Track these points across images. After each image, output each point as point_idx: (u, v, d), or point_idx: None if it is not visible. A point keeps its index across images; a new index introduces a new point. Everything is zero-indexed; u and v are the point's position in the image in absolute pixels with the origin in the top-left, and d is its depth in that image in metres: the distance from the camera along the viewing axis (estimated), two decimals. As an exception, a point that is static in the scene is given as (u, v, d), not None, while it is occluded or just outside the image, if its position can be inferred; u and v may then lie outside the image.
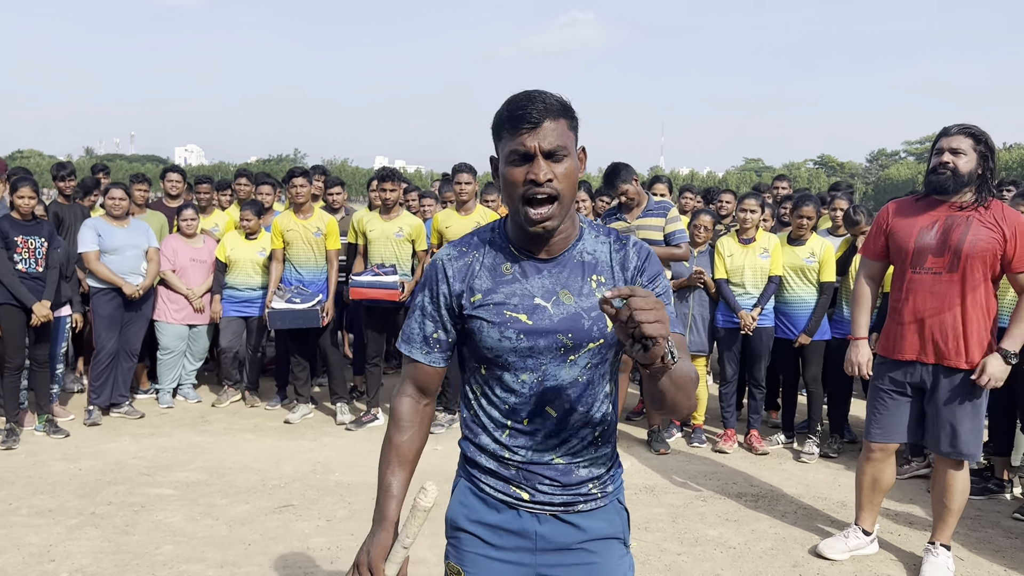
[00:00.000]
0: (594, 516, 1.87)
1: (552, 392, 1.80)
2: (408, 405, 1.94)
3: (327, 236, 6.46)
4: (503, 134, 1.72)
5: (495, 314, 1.78)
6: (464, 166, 6.15)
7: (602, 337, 1.76)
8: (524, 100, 1.69)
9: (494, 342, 1.78)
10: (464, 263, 1.83)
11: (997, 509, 4.94)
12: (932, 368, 3.81)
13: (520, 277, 1.79)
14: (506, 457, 1.85)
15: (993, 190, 3.75)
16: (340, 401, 6.57)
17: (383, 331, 6.39)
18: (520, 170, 1.69)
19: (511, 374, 1.81)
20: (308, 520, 4.55)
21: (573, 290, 1.77)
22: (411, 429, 1.94)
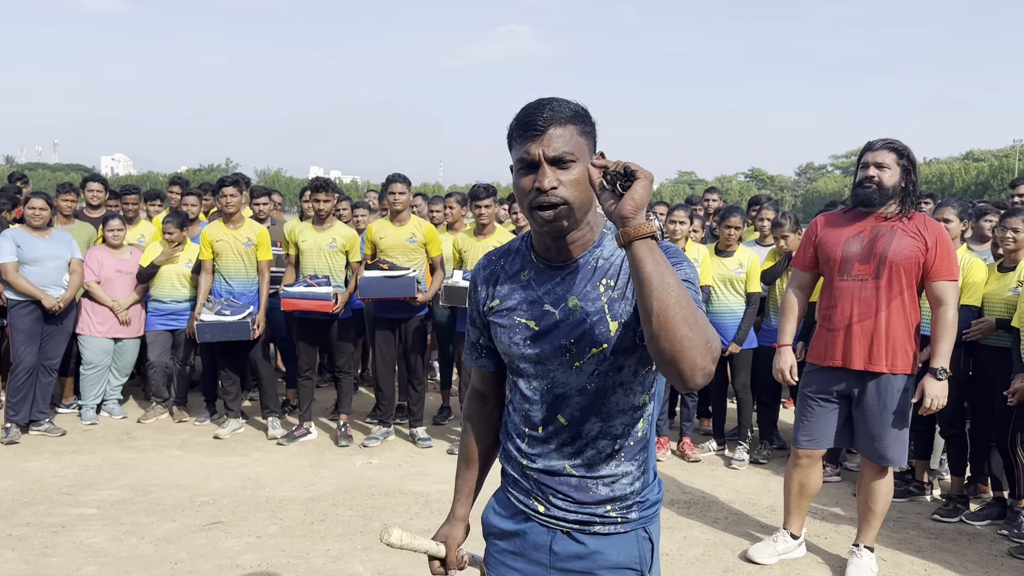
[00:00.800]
0: (610, 541, 1.79)
1: (562, 400, 1.77)
2: (473, 409, 2.04)
3: (258, 246, 6.35)
4: (513, 143, 1.72)
5: (507, 319, 1.81)
6: (398, 176, 6.11)
7: (604, 342, 1.71)
8: (532, 108, 1.68)
9: (505, 347, 1.82)
10: (491, 271, 1.89)
11: (918, 511, 5.10)
12: (858, 375, 3.93)
13: (534, 284, 1.79)
14: (525, 465, 1.84)
15: (915, 202, 3.91)
16: (271, 415, 6.45)
17: (316, 344, 6.30)
18: (527, 178, 1.68)
19: (525, 380, 1.82)
20: (237, 537, 4.44)
21: (582, 296, 1.74)
22: (479, 428, 2.02)
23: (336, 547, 4.33)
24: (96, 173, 12.24)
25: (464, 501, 2.04)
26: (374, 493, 5.17)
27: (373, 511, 4.86)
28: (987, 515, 4.90)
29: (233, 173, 6.62)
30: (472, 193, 6.11)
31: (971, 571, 4.21)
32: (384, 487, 5.29)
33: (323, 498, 5.07)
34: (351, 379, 6.46)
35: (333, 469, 5.65)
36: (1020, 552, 4.39)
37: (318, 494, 5.14)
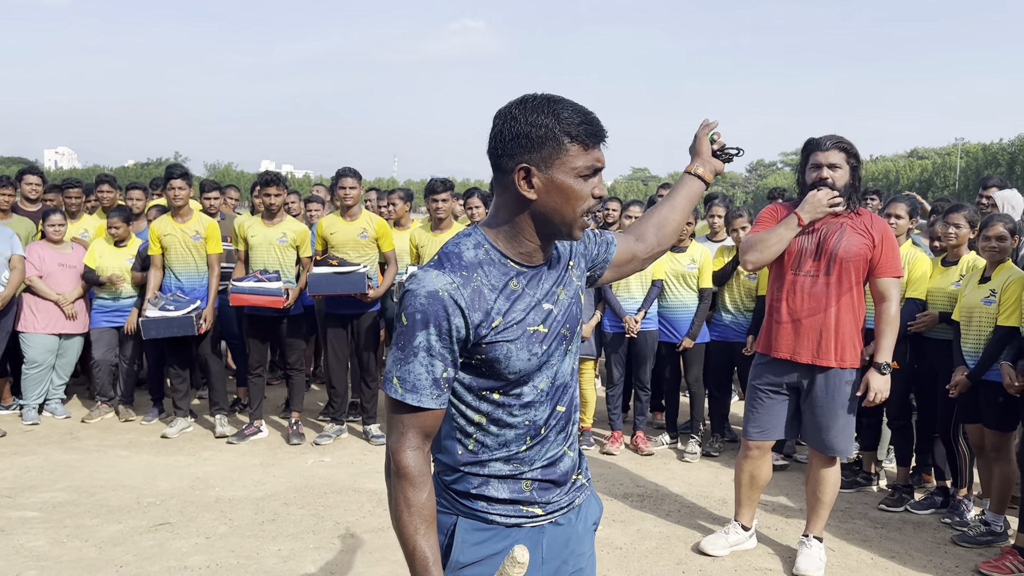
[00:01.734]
0: (582, 508, 1.89)
1: (561, 389, 1.81)
2: (419, 459, 1.69)
3: (207, 240, 6.22)
4: (571, 145, 1.64)
5: (520, 333, 1.69)
6: (348, 170, 6.02)
7: (581, 318, 1.85)
8: (589, 114, 1.69)
9: (523, 363, 1.70)
10: (472, 289, 1.66)
11: (865, 501, 5.21)
12: (807, 367, 3.99)
13: (528, 290, 1.74)
14: (522, 474, 1.76)
15: (860, 198, 3.99)
16: (219, 413, 6.33)
17: (266, 340, 6.19)
18: (588, 184, 1.68)
19: (530, 386, 1.74)
20: (186, 538, 4.35)
21: (564, 284, 1.82)
22: (428, 484, 1.69)
23: (288, 547, 4.26)
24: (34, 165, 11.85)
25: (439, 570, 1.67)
26: (326, 491, 5.11)
27: (325, 510, 4.80)
28: (931, 504, 5.02)
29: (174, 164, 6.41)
30: (429, 187, 6.04)
31: (915, 559, 4.31)
32: (337, 485, 5.23)
33: (274, 497, 4.99)
34: (303, 376, 6.37)
35: (284, 468, 5.57)
36: (962, 540, 4.50)
37: (269, 493, 5.06)
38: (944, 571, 4.17)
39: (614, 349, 6.13)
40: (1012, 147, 66.14)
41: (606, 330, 6.16)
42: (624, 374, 6.23)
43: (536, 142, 1.64)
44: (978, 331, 4.49)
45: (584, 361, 6.23)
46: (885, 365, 3.94)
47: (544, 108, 1.66)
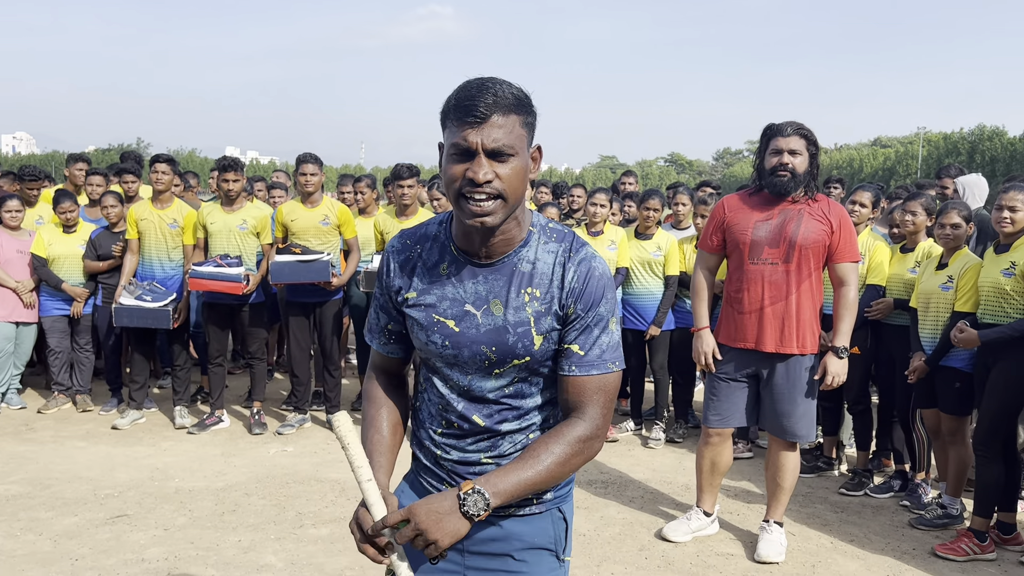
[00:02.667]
0: (526, 522, 1.78)
1: (479, 401, 1.72)
2: (377, 384, 1.88)
3: (184, 229, 6.10)
4: (448, 123, 1.60)
5: (424, 316, 1.71)
6: (309, 156, 5.93)
7: (527, 355, 1.67)
8: (475, 90, 1.56)
9: (421, 344, 1.74)
10: (406, 257, 1.75)
11: (825, 485, 5.27)
12: (768, 356, 4.01)
13: (455, 280, 1.69)
14: (439, 455, 1.79)
15: (817, 185, 4.01)
16: (180, 404, 6.23)
17: (226, 328, 6.10)
18: (460, 167, 1.57)
19: (440, 378, 1.76)
20: (144, 530, 4.28)
21: (504, 301, 1.67)
22: (384, 402, 1.86)
23: (248, 537, 4.21)
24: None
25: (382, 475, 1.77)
26: (288, 481, 5.06)
27: (287, 500, 4.75)
28: (890, 488, 5.09)
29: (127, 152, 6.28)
30: (394, 173, 5.96)
31: (874, 542, 4.37)
32: (299, 475, 5.18)
33: (235, 488, 4.93)
34: (264, 365, 6.29)
35: (246, 458, 5.50)
36: (919, 523, 4.57)
37: (230, 484, 4.99)
38: (902, 553, 4.23)
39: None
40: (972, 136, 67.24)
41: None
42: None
43: (440, 119, 1.64)
44: (936, 317, 4.55)
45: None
46: (843, 349, 3.98)
47: (457, 87, 1.61)
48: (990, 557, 4.15)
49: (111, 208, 6.30)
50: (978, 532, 4.18)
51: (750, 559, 4.12)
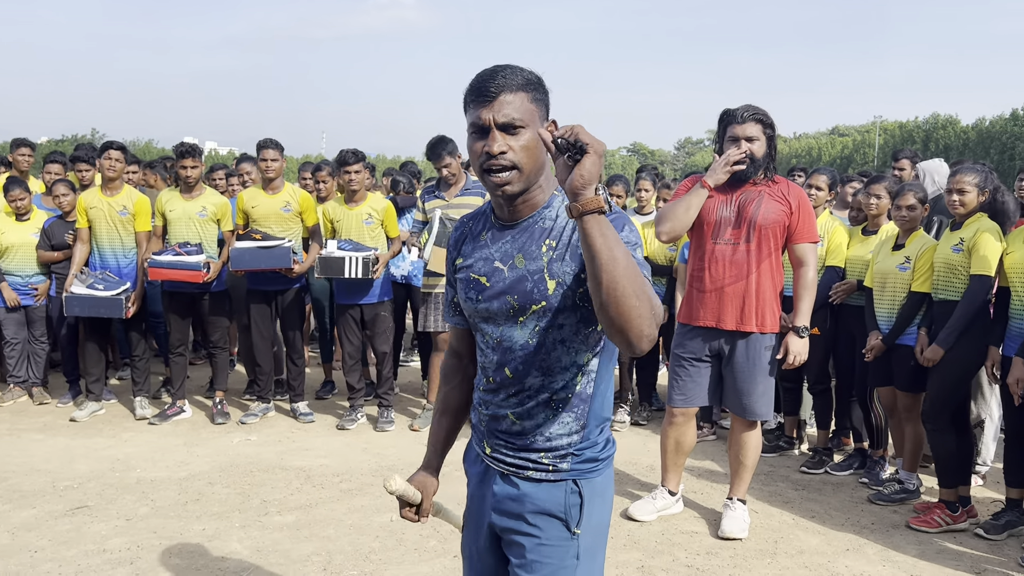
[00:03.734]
0: (540, 487, 1.88)
1: (508, 353, 1.86)
2: (450, 363, 2.16)
3: (135, 216, 5.98)
4: (467, 107, 1.78)
5: (465, 276, 1.93)
6: (270, 142, 5.84)
7: (543, 299, 1.80)
8: (486, 75, 1.75)
9: (463, 303, 1.94)
10: (461, 233, 2.00)
11: (787, 464, 5.36)
12: (729, 334, 4.07)
13: (489, 242, 1.90)
14: (480, 412, 1.97)
15: (775, 167, 4.08)
16: (140, 394, 6.13)
17: (186, 317, 6.01)
18: (479, 143, 1.75)
19: (480, 334, 1.93)
20: (105, 521, 4.22)
21: (527, 254, 1.83)
22: (452, 382, 2.14)
23: (212, 526, 4.17)
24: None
25: (436, 451, 2.15)
26: (252, 470, 5.01)
27: (251, 488, 4.71)
28: (849, 465, 5.19)
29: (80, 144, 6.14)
30: (340, 159, 5.88)
31: (834, 518, 4.45)
32: (263, 463, 5.14)
33: (198, 477, 4.87)
34: (227, 355, 6.22)
35: (209, 447, 5.44)
36: (878, 498, 4.67)
37: (193, 473, 4.94)
38: (861, 528, 4.32)
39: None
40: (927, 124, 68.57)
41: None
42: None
43: (463, 107, 1.81)
44: (892, 297, 4.64)
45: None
46: (804, 328, 4.05)
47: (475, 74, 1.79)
48: (962, 526, 4.26)
49: (63, 197, 6.18)
50: (949, 503, 4.29)
51: (714, 536, 4.18)
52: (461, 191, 5.81)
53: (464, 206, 5.73)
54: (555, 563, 1.86)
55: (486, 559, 2.01)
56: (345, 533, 4.11)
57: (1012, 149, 51.27)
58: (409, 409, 6.44)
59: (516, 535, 1.90)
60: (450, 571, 3.71)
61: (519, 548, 1.90)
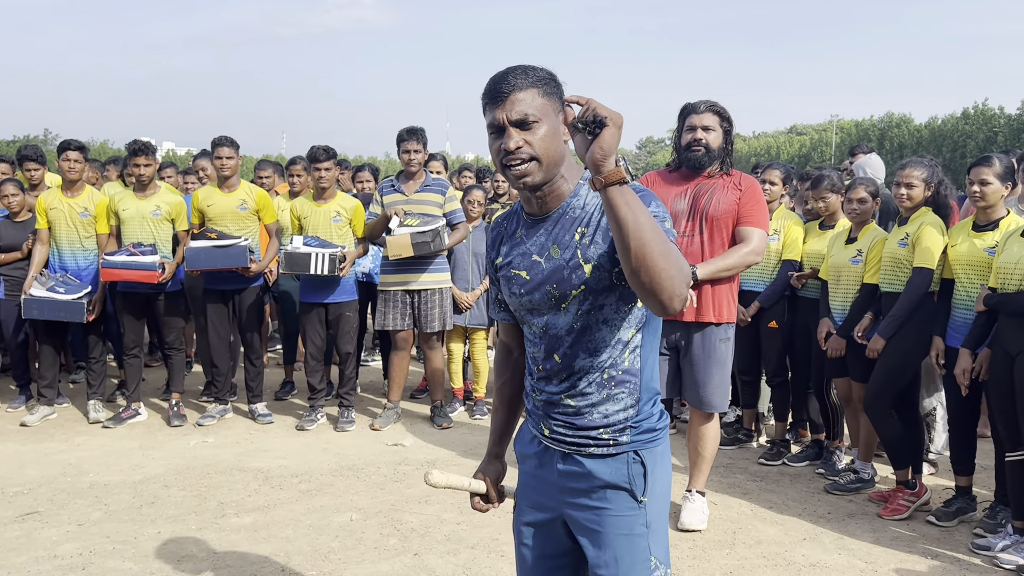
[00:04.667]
0: (603, 462, 1.94)
1: (555, 340, 1.94)
2: (501, 357, 2.25)
3: (96, 218, 5.86)
4: (484, 111, 1.86)
5: (506, 273, 2.01)
6: (225, 139, 5.76)
7: (582, 284, 1.86)
8: (498, 77, 1.83)
9: (508, 299, 2.02)
10: (497, 233, 2.09)
11: (746, 456, 5.41)
12: (685, 326, 4.10)
13: (525, 238, 1.97)
14: (535, 398, 2.03)
15: (732, 161, 4.13)
16: (94, 397, 6.01)
17: (141, 318, 5.90)
18: (497, 142, 1.83)
19: (527, 326, 2.01)
20: (56, 526, 4.13)
21: (561, 244, 1.89)
22: (505, 375, 2.24)
23: (168, 529, 4.10)
24: None
25: (496, 441, 2.25)
26: (210, 472, 4.94)
27: (208, 490, 4.63)
28: (806, 457, 5.27)
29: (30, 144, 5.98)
30: (310, 155, 5.82)
31: (792, 508, 4.51)
32: (220, 465, 5.06)
33: (153, 480, 4.79)
34: (183, 356, 6.12)
35: (165, 450, 5.35)
36: (834, 488, 4.74)
37: (148, 476, 4.85)
38: (818, 517, 4.38)
39: (504, 318, 6.13)
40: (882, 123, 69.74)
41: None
42: (515, 343, 6.24)
43: (482, 111, 1.88)
44: (846, 289, 4.72)
45: (476, 331, 6.23)
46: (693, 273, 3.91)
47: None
48: (926, 499, 4.35)
49: (12, 197, 6.04)
50: (906, 483, 4.37)
51: (673, 528, 4.20)
52: (421, 187, 5.78)
53: (423, 202, 5.71)
54: (626, 532, 1.93)
55: (549, 538, 2.06)
56: (304, 534, 4.07)
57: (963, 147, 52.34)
58: (370, 409, 6.40)
59: (584, 511, 1.96)
60: (411, 569, 3.69)
61: (589, 521, 1.95)
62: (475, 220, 6.21)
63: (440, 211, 5.74)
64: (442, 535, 4.07)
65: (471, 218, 6.17)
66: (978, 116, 55.79)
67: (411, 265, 5.72)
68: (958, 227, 4.27)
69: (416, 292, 5.77)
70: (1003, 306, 3.81)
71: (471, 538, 4.04)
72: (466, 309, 6.09)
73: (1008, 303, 3.78)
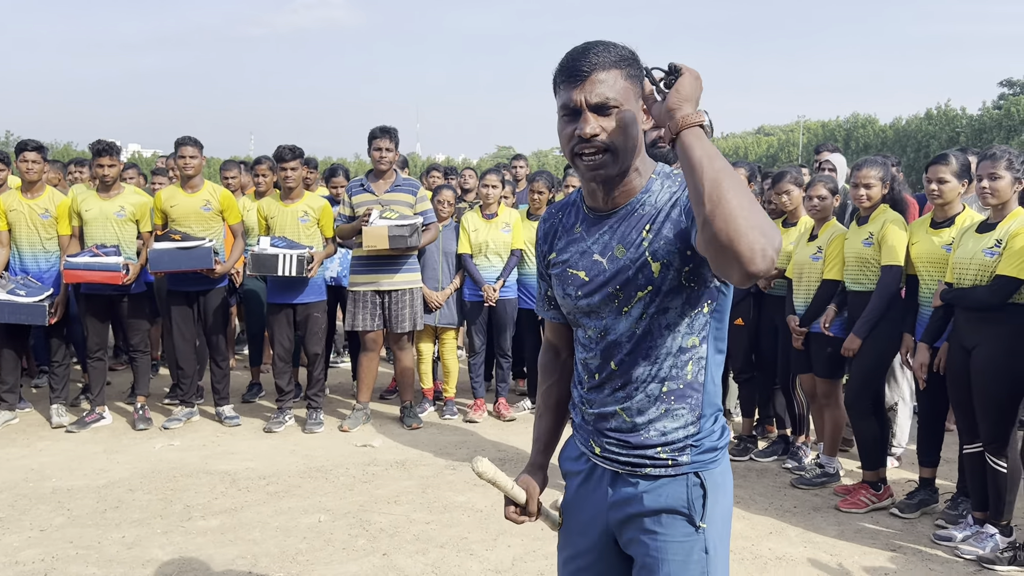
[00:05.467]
0: (659, 484, 1.77)
1: (613, 346, 1.77)
2: (547, 360, 2.07)
3: (57, 219, 5.77)
4: (557, 89, 1.69)
5: (561, 272, 1.84)
6: (188, 139, 5.70)
7: (649, 284, 1.70)
8: (577, 53, 1.65)
9: (561, 300, 1.86)
10: (550, 225, 1.91)
11: (713, 453, 5.45)
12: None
13: (585, 235, 1.80)
14: (584, 409, 1.87)
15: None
16: (57, 401, 5.91)
17: (105, 320, 5.82)
18: (570, 127, 1.66)
19: (581, 329, 1.85)
20: (18, 532, 4.06)
21: (627, 243, 1.73)
22: (551, 378, 2.06)
23: (132, 533, 4.05)
24: None
25: (541, 449, 2.06)
26: (175, 475, 4.88)
27: (174, 493, 4.58)
28: (773, 452, 5.32)
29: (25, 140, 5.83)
30: (277, 155, 5.78)
31: (758, 503, 4.56)
32: (187, 468, 5.01)
33: (118, 484, 4.73)
34: (148, 358, 6.04)
35: (130, 454, 5.28)
36: (800, 483, 4.80)
37: (112, 480, 4.79)
38: (784, 512, 4.43)
39: (474, 318, 6.15)
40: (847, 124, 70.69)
41: (466, 299, 6.17)
42: (485, 342, 6.26)
43: (553, 88, 1.72)
44: (808, 286, 4.78)
45: (446, 331, 6.22)
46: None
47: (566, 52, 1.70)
48: (887, 503, 4.41)
49: None
50: (872, 483, 4.44)
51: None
52: (391, 187, 5.76)
53: (394, 202, 5.69)
54: (682, 559, 1.76)
55: (597, 562, 1.90)
56: (271, 535, 4.04)
57: (927, 147, 53.16)
58: (338, 411, 6.36)
59: (640, 534, 1.79)
60: (379, 569, 3.68)
61: (644, 547, 1.79)
62: (444, 220, 6.21)
63: (411, 210, 5.73)
64: (411, 535, 4.06)
65: (441, 218, 6.16)
66: (941, 117, 56.77)
67: (381, 265, 5.70)
68: (916, 224, 4.34)
69: (387, 292, 5.76)
70: (958, 301, 3.88)
71: (440, 537, 4.04)
72: (436, 309, 6.08)
73: (963, 298, 3.85)
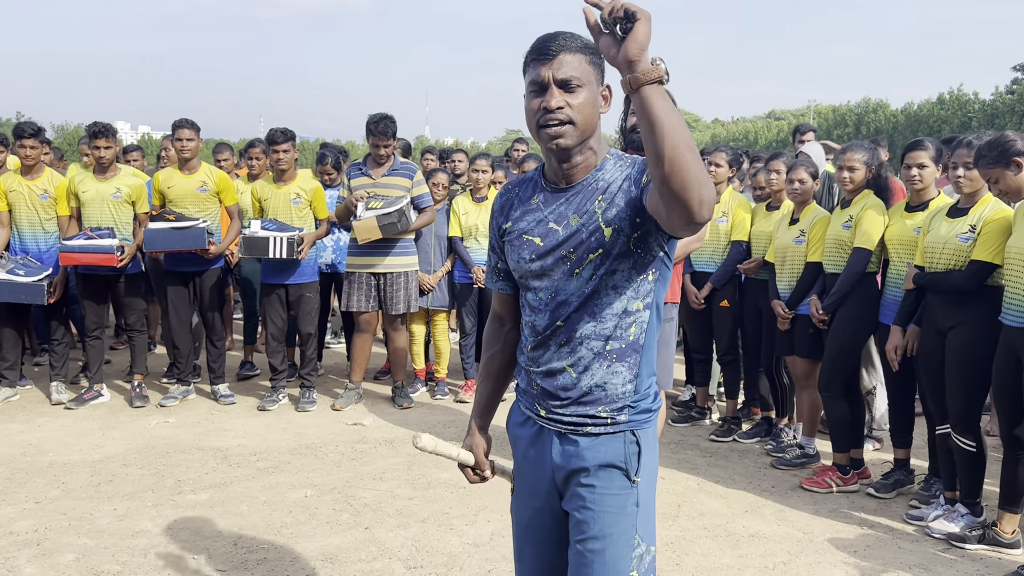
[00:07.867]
0: (599, 441, 1.92)
1: (561, 305, 1.91)
2: (492, 330, 2.21)
3: (57, 199, 5.88)
4: (527, 68, 1.85)
5: (516, 238, 1.98)
6: (185, 122, 5.79)
7: (600, 247, 1.84)
8: (546, 37, 1.83)
9: (515, 264, 1.98)
10: (507, 198, 2.05)
11: (697, 434, 5.55)
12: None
13: (542, 206, 1.95)
14: (530, 371, 2.00)
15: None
16: (57, 379, 6.04)
17: (102, 301, 5.93)
18: (536, 100, 1.82)
19: (532, 292, 1.97)
20: (13, 504, 4.18)
21: (581, 212, 1.88)
22: (495, 347, 2.20)
23: (124, 506, 4.17)
24: None
25: (481, 412, 2.22)
26: (168, 451, 5.00)
27: (166, 468, 4.70)
28: (756, 433, 5.40)
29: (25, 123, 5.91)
30: (269, 138, 5.85)
31: (737, 482, 4.64)
32: (180, 444, 5.13)
33: (112, 459, 4.85)
34: (145, 337, 6.16)
35: (125, 430, 5.41)
36: (779, 463, 4.88)
37: (107, 455, 4.91)
38: (762, 491, 4.51)
39: (464, 300, 6.23)
40: (859, 108, 70.22)
41: (456, 281, 6.25)
42: (476, 324, 6.34)
43: (523, 69, 1.89)
44: (791, 270, 4.84)
45: (437, 313, 6.31)
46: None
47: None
48: (853, 488, 4.48)
49: None
50: (841, 467, 4.51)
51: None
52: (388, 171, 5.83)
53: (391, 186, 5.76)
54: (616, 511, 1.92)
55: (546, 519, 2.05)
56: (258, 509, 4.15)
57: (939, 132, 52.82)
58: (332, 390, 6.47)
59: (578, 488, 1.94)
60: (361, 542, 3.79)
61: (581, 500, 1.94)
62: (438, 203, 6.28)
63: (407, 194, 5.80)
64: (394, 510, 4.17)
65: (435, 201, 6.23)
66: (953, 101, 56.34)
67: (378, 248, 5.78)
68: (894, 209, 4.40)
69: (382, 275, 5.84)
70: (933, 285, 3.93)
71: (422, 512, 4.14)
72: (428, 291, 6.17)
73: (939, 282, 3.90)
